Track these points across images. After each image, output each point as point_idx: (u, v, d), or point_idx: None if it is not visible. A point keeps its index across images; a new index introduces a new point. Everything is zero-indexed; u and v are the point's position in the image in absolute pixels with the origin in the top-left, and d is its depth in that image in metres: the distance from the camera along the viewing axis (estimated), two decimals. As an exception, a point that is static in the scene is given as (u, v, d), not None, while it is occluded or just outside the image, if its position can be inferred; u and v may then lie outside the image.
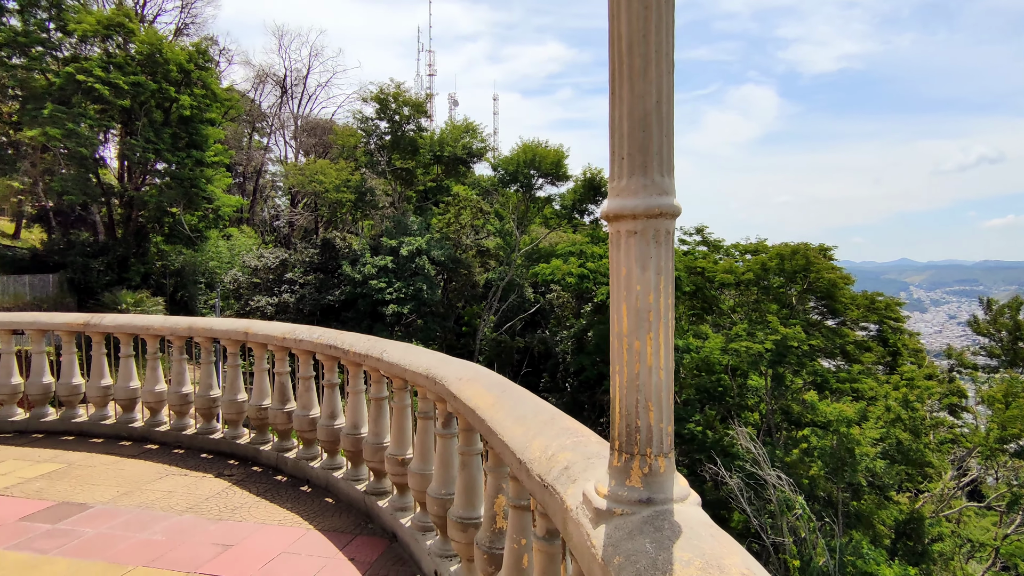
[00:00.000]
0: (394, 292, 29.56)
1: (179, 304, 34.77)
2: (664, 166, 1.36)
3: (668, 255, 1.38)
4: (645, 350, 1.36)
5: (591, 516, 1.42)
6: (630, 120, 1.35)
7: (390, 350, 4.39)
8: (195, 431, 6.57)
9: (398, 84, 37.31)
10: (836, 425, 24.42)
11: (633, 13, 1.32)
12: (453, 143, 37.75)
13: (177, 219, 34.09)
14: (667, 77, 1.35)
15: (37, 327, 7.07)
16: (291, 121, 51.44)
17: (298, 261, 33.14)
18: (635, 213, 1.35)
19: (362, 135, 38.46)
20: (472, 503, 3.39)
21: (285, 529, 4.59)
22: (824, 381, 28.54)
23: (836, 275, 29.00)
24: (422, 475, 4.00)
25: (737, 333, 28.62)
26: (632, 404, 1.38)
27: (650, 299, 1.35)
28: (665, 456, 1.39)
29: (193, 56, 33.48)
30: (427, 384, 3.71)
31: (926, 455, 25.86)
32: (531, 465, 1.95)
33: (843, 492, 24.95)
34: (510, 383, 3.04)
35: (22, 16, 31.32)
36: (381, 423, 4.74)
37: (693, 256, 32.93)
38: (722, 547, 1.18)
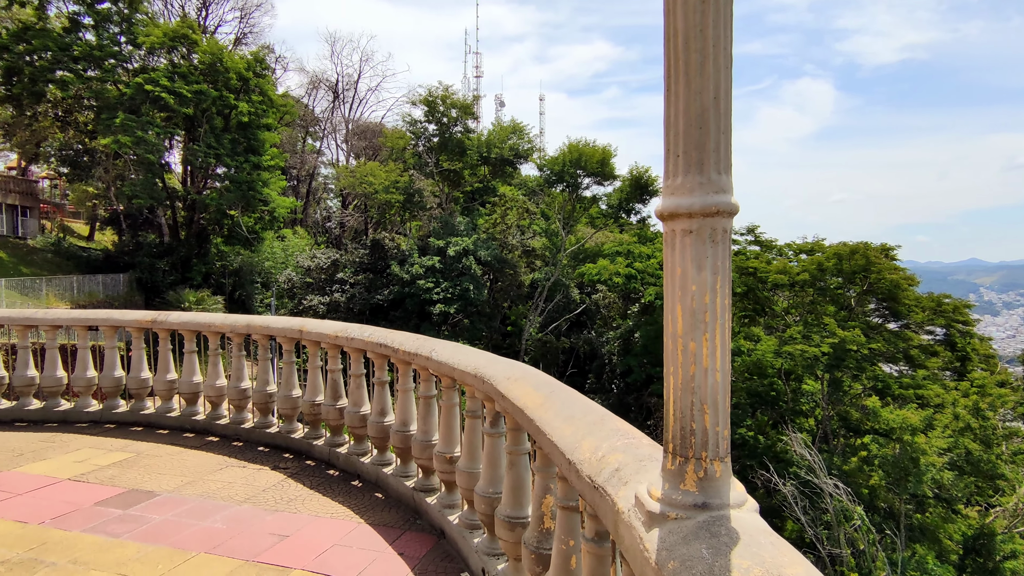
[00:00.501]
0: (441, 292, 29.95)
1: (237, 302, 36.24)
2: (721, 163, 1.33)
3: (725, 254, 1.34)
4: (701, 351, 1.33)
5: (644, 519, 1.40)
6: (686, 117, 1.32)
7: (439, 349, 4.45)
8: (252, 425, 6.83)
9: (446, 87, 37.81)
10: (899, 433, 23.29)
11: (690, 7, 1.29)
12: (500, 144, 37.94)
13: (235, 221, 35.53)
14: (725, 72, 1.32)
15: (110, 324, 7.50)
16: (342, 125, 52.82)
17: (348, 261, 34.00)
18: (691, 212, 1.32)
19: (411, 137, 39.12)
20: (520, 502, 3.40)
21: (337, 522, 4.72)
22: (886, 387, 27.26)
23: (899, 276, 27.66)
24: (470, 473, 4.04)
25: (791, 336, 27.66)
26: (687, 406, 1.35)
27: (706, 299, 1.32)
28: (721, 460, 1.36)
29: (251, 64, 34.82)
30: (475, 383, 3.74)
31: (998, 467, 24.35)
32: (581, 466, 1.94)
33: (906, 504, 23.77)
34: (558, 383, 3.03)
35: (96, 31, 33.30)
36: (430, 421, 4.81)
37: (744, 256, 32.03)
38: (783, 556, 1.14)
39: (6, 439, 6.81)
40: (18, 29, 31.64)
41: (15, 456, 6.24)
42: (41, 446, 6.57)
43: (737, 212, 1.34)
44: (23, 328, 7.74)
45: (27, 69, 31.70)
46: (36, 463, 6.03)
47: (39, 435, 6.98)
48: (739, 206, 1.35)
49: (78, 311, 7.90)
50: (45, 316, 7.75)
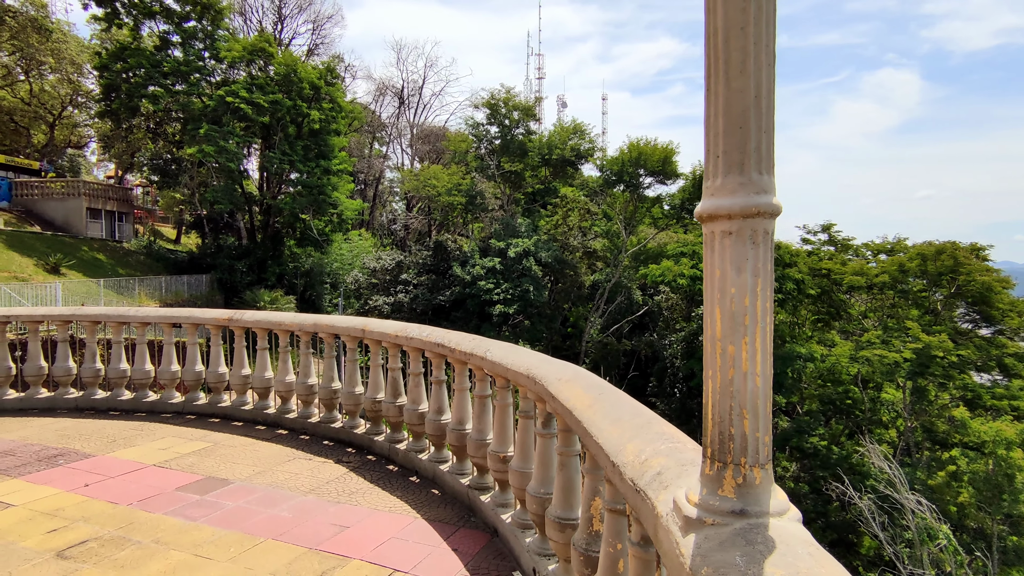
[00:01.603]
0: (501, 293, 30.20)
1: (308, 302, 37.88)
2: (763, 163, 1.30)
3: (766, 256, 1.31)
4: (740, 355, 1.30)
5: (681, 524, 1.39)
6: (726, 117, 1.30)
7: (493, 349, 4.51)
8: (318, 420, 7.14)
9: (508, 89, 38.11)
10: (992, 447, 21.59)
11: (731, 5, 1.27)
12: (561, 145, 37.87)
13: (307, 224, 37.15)
14: (767, 70, 1.29)
15: (191, 321, 8.03)
16: (407, 129, 54.22)
17: (412, 263, 34.85)
18: (731, 213, 1.30)
19: (473, 140, 39.68)
20: (570, 503, 3.40)
21: (395, 516, 4.86)
22: (977, 397, 25.31)
23: (991, 278, 25.60)
24: (522, 473, 4.07)
25: (869, 340, 26.15)
26: (726, 411, 1.33)
27: (746, 302, 1.30)
28: (761, 467, 1.32)
29: (322, 74, 36.34)
30: (527, 384, 3.77)
31: (1108, 488, 22.09)
32: (624, 468, 1.93)
33: (999, 524, 21.99)
34: (608, 385, 3.01)
35: (183, 48, 35.69)
36: (484, 420, 4.88)
37: (818, 256, 30.55)
38: (821, 567, 1.10)
39: (102, 427, 7.42)
40: (116, 49, 34.35)
41: (109, 442, 6.79)
42: (131, 434, 7.11)
43: (780, 213, 1.31)
44: (117, 325, 8.40)
45: (124, 86, 34.37)
46: (127, 449, 6.54)
47: (129, 423, 7.57)
48: (782, 207, 1.31)
49: (164, 309, 8.50)
50: (136, 313, 8.39)
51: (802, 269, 29.11)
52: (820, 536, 24.73)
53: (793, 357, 28.92)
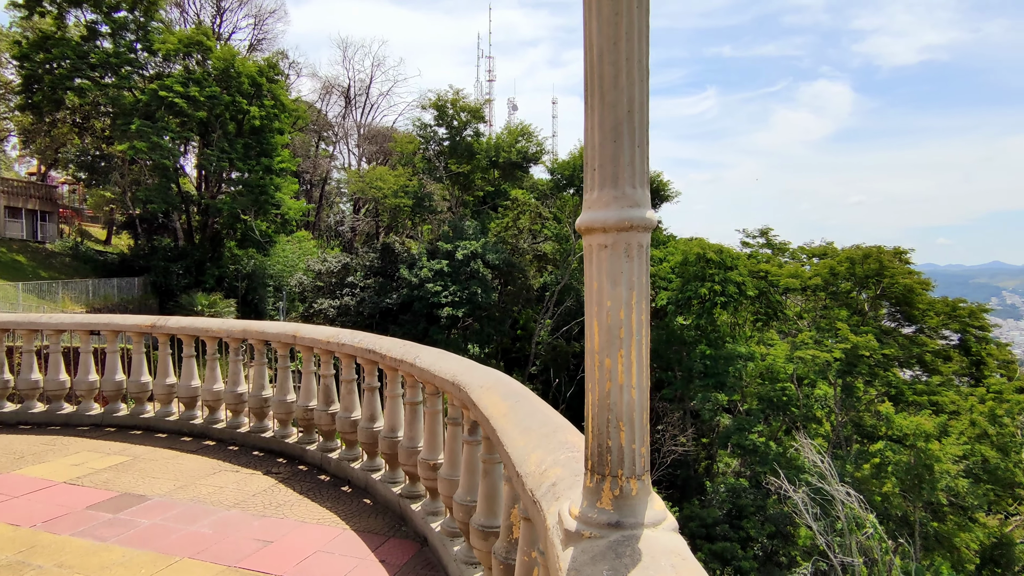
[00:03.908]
0: (449, 295, 30.00)
1: (250, 306, 36.61)
2: (637, 178, 1.31)
3: (641, 270, 1.32)
4: (616, 368, 1.31)
5: (562, 537, 1.39)
6: (601, 130, 1.31)
7: (423, 356, 4.46)
8: (248, 429, 6.88)
9: (456, 91, 37.94)
10: (913, 439, 22.92)
11: (604, 18, 1.28)
12: (509, 148, 37.98)
13: (248, 225, 35.91)
14: (640, 85, 1.30)
15: (111, 328, 7.60)
16: (354, 129, 53.24)
17: (359, 265, 34.20)
18: (605, 226, 1.30)
19: (421, 141, 39.32)
20: (493, 511, 3.38)
21: (323, 528, 4.73)
22: (900, 392, 26.84)
23: (913, 280, 27.23)
24: (450, 480, 4.03)
25: (803, 340, 27.34)
26: (603, 423, 1.33)
27: (621, 315, 1.30)
28: (638, 478, 1.33)
29: (264, 70, 35.23)
30: (453, 391, 3.74)
31: (1016, 474, 23.84)
32: (526, 479, 1.92)
33: (921, 511, 23.36)
34: (526, 393, 3.01)
35: (113, 39, 33.90)
36: (415, 427, 4.81)
37: (756, 259, 31.73)
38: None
39: (9, 442, 6.93)
40: (38, 38, 32.30)
41: (16, 459, 6.34)
42: (42, 449, 6.67)
43: (654, 227, 1.32)
44: (28, 332, 7.87)
45: (47, 77, 32.34)
46: (35, 466, 6.12)
47: (41, 438, 7.09)
48: (656, 220, 1.33)
49: (81, 316, 8.02)
50: (49, 320, 7.88)
51: (742, 272, 30.18)
52: (759, 529, 25.66)
53: (734, 357, 29.94)
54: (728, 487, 27.78)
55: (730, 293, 29.07)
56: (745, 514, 25.85)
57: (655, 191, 38.89)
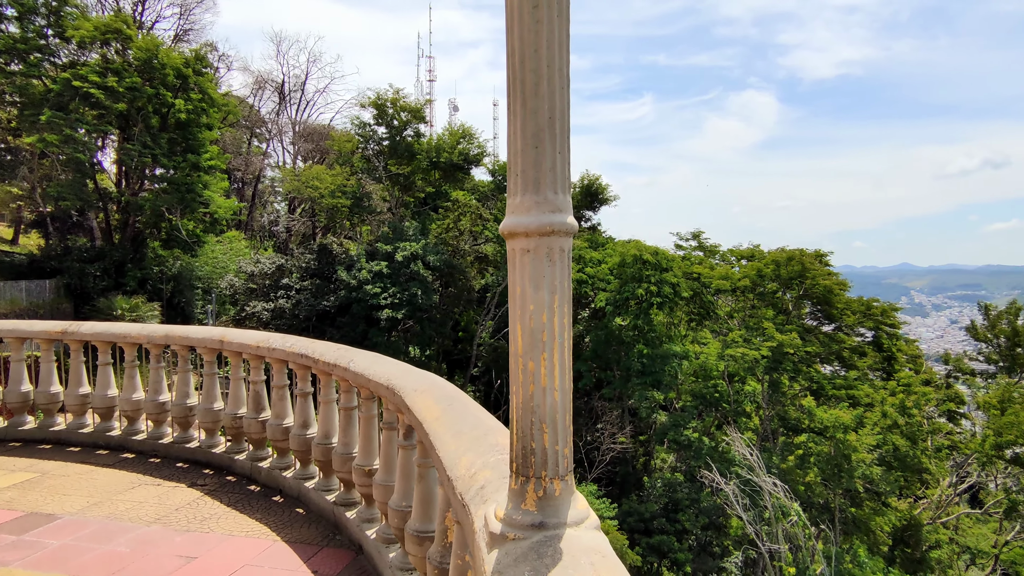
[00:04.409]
0: (389, 297, 29.52)
1: (176, 309, 34.76)
2: (558, 183, 1.33)
3: (563, 274, 1.35)
4: (539, 371, 1.33)
5: (487, 540, 1.39)
6: (523, 136, 1.32)
7: (357, 359, 4.37)
8: (171, 440, 6.53)
9: (396, 90, 37.38)
10: (833, 431, 24.31)
11: (525, 27, 1.29)
12: (450, 149, 37.78)
13: (174, 224, 34.11)
14: (560, 93, 1.32)
15: (16, 335, 7.04)
16: (289, 127, 51.57)
17: (294, 266, 33.13)
18: (528, 231, 1.32)
19: (359, 140, 38.51)
20: (428, 516, 3.36)
21: (252, 540, 4.55)
22: (820, 387, 28.46)
23: (832, 281, 28.95)
24: (385, 486, 3.97)
25: (733, 339, 28.56)
26: (527, 426, 1.35)
27: (543, 319, 1.32)
28: (561, 479, 1.36)
29: (190, 61, 33.56)
30: (388, 395, 3.68)
31: (923, 461, 25.73)
32: (456, 483, 1.92)
33: (840, 499, 24.81)
34: (462, 395, 3.01)
35: (20, 23, 31.44)
36: (350, 433, 4.71)
37: (690, 261, 32.88)
38: (598, 575, 1.15)
39: None
40: (-68, 18, 29.57)
41: (-98, 480, 5.77)
42: (-66, 468, 6.10)
43: (575, 232, 1.35)
44: (-82, 340, 7.19)
45: (-58, 62, 29.66)
46: (-75, 487, 5.60)
47: (-67, 456, 6.48)
48: (577, 226, 1.36)
49: (-19, 322, 7.38)
50: (-57, 327, 7.22)
51: (677, 273, 31.20)
52: (694, 521, 26.56)
53: (670, 356, 30.89)
54: (665, 482, 28.63)
55: (666, 294, 29.99)
56: (681, 507, 26.70)
57: (594, 194, 39.65)
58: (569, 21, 1.33)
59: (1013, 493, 25.53)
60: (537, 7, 1.28)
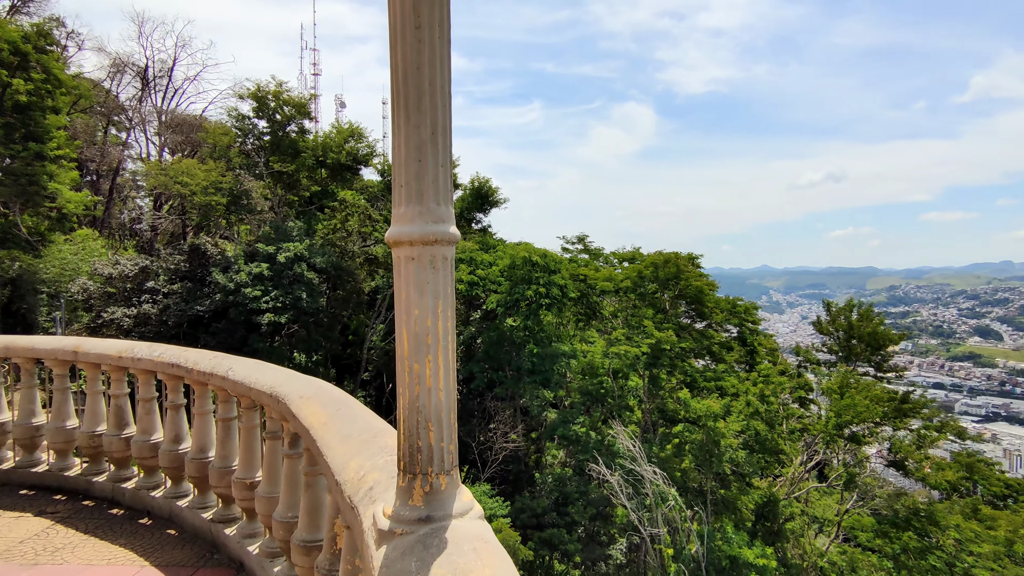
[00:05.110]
0: (271, 301, 27.94)
1: (16, 317, 30.57)
2: (440, 195, 1.41)
3: (447, 280, 1.43)
4: (424, 372, 1.40)
5: (376, 537, 1.44)
6: (407, 149, 1.39)
7: (236, 367, 4.16)
8: (14, 464, 5.80)
9: (279, 82, 35.47)
10: (705, 420, 26.40)
11: (408, 45, 1.36)
12: (338, 148, 36.50)
13: (11, 220, 29.98)
14: (443, 110, 1.40)
15: None
16: (154, 115, 47.17)
17: (162, 268, 30.37)
18: (412, 240, 1.38)
19: (237, 134, 36.10)
20: (316, 525, 3.29)
21: (115, 569, 4.18)
22: (694, 380, 30.79)
23: (703, 282, 31.45)
24: (269, 498, 3.82)
25: (617, 337, 30.14)
26: (414, 425, 1.41)
27: (428, 323, 1.39)
28: (447, 474, 1.43)
29: (30, 36, 29.69)
30: (272, 403, 3.56)
31: (779, 443, 28.68)
32: (344, 486, 1.94)
33: (712, 482, 27.00)
34: (350, 400, 2.99)
35: None
36: (229, 445, 4.47)
37: (576, 264, 34.25)
38: (477, 559, 1.24)
39: None
40: None
41: None
42: None
43: (457, 241, 1.43)
44: None
45: None
46: None
47: None
48: (459, 235, 1.44)
49: None
50: None
51: (565, 275, 32.39)
52: (583, 513, 27.69)
53: (559, 355, 31.98)
54: (555, 477, 29.58)
55: (554, 295, 31.03)
56: (570, 500, 27.72)
57: (484, 196, 40.09)
58: (450, 42, 1.42)
59: (850, 467, 29.19)
60: (419, 28, 1.35)
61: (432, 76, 1.37)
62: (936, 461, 30.25)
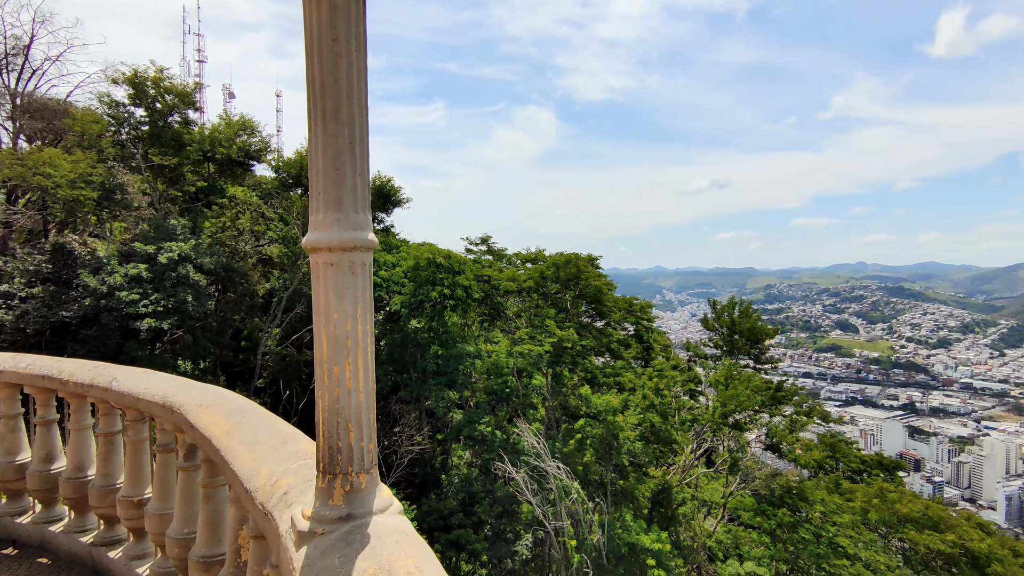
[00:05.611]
0: (151, 305, 25.71)
1: None
2: (359, 203, 1.45)
3: (366, 285, 1.47)
4: (344, 375, 1.44)
5: (295, 539, 1.46)
6: (325, 158, 1.42)
7: (121, 377, 3.88)
8: None
9: (159, 68, 32.66)
10: (605, 415, 27.58)
11: (325, 57, 1.39)
12: (228, 142, 34.27)
13: None
14: (360, 120, 1.45)
15: None
16: (7, 98, 41.88)
17: (18, 270, 27.05)
18: (330, 246, 1.42)
19: (110, 122, 32.87)
20: (217, 538, 3.16)
21: (-25, 605, 3.75)
22: (595, 377, 32.06)
23: (601, 282, 32.83)
24: (162, 515, 3.61)
25: (521, 337, 30.74)
26: (333, 426, 1.45)
27: (347, 327, 1.43)
28: (367, 472, 1.48)
29: None
30: (164, 414, 3.37)
31: (672, 433, 30.54)
32: (255, 493, 1.91)
33: (611, 474, 28.25)
34: (255, 407, 2.91)
35: None
36: (112, 462, 4.15)
37: (480, 264, 34.53)
38: (400, 551, 1.30)
39: None
40: None
41: None
42: None
43: (375, 247, 1.49)
44: None
45: None
46: None
47: None
48: (376, 241, 1.49)
49: None
50: None
51: (469, 276, 32.53)
52: (489, 512, 27.96)
53: (464, 355, 32.07)
54: (461, 478, 29.63)
55: (459, 296, 31.09)
56: (476, 500, 27.88)
57: (386, 196, 39.34)
58: (366, 55, 1.47)
59: (734, 452, 31.66)
60: (336, 40, 1.39)
61: (350, 88, 1.41)
62: (805, 443, 33.57)
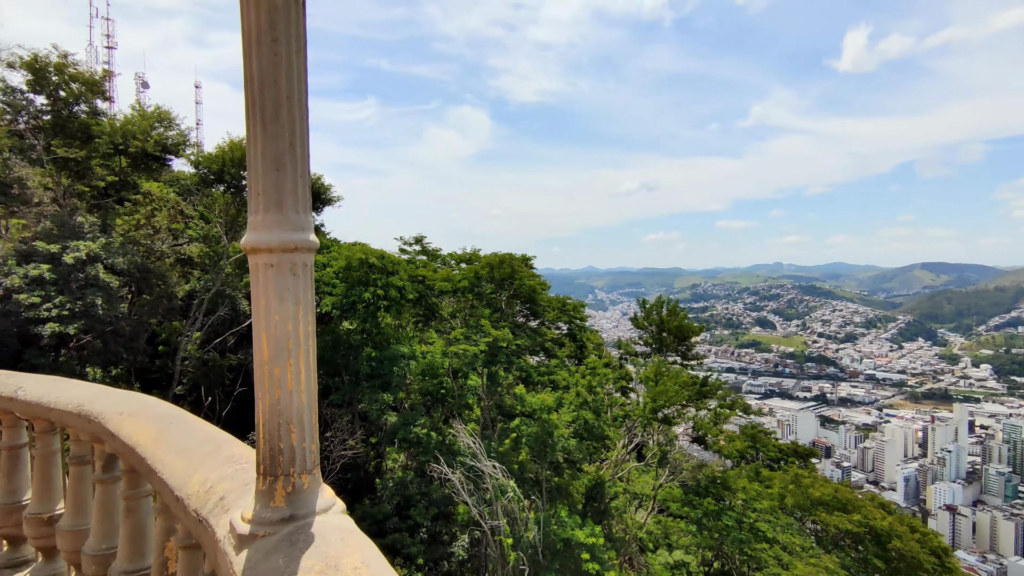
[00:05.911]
0: (55, 308, 23.80)
1: None
2: (300, 204, 1.46)
3: (307, 286, 1.48)
4: (285, 376, 1.44)
5: (235, 543, 1.44)
6: (264, 159, 1.41)
7: (28, 386, 3.62)
8: None
9: (64, 53, 30.27)
10: (539, 413, 27.93)
11: (264, 58, 1.38)
12: (142, 135, 32.24)
13: None
14: (300, 121, 1.45)
15: None
16: None
17: None
18: (271, 247, 1.41)
19: (5, 110, 30.21)
20: (141, 552, 3.02)
21: None
22: (529, 375, 32.42)
23: (535, 282, 33.27)
24: (76, 532, 3.39)
25: (456, 337, 30.66)
26: (275, 428, 1.44)
27: (288, 328, 1.43)
28: (309, 473, 1.49)
29: None
30: (79, 423, 3.17)
31: (605, 429, 31.35)
32: (188, 501, 1.86)
33: (547, 471, 28.66)
34: (182, 413, 2.80)
35: None
36: (16, 477, 3.86)
37: (415, 265, 34.18)
38: (346, 547, 1.32)
39: None
40: None
41: None
42: None
43: (316, 248, 1.49)
44: None
45: None
46: None
47: None
48: (318, 243, 1.50)
49: None
50: None
51: (403, 276, 32.12)
52: (424, 515, 27.70)
53: (398, 357, 31.62)
54: (396, 481, 29.20)
55: (392, 297, 30.64)
56: (412, 503, 27.56)
57: (317, 193, 38.19)
58: (306, 56, 1.47)
59: (663, 446, 32.86)
60: (276, 41, 1.39)
61: (289, 89, 1.42)
62: (728, 435, 35.30)
